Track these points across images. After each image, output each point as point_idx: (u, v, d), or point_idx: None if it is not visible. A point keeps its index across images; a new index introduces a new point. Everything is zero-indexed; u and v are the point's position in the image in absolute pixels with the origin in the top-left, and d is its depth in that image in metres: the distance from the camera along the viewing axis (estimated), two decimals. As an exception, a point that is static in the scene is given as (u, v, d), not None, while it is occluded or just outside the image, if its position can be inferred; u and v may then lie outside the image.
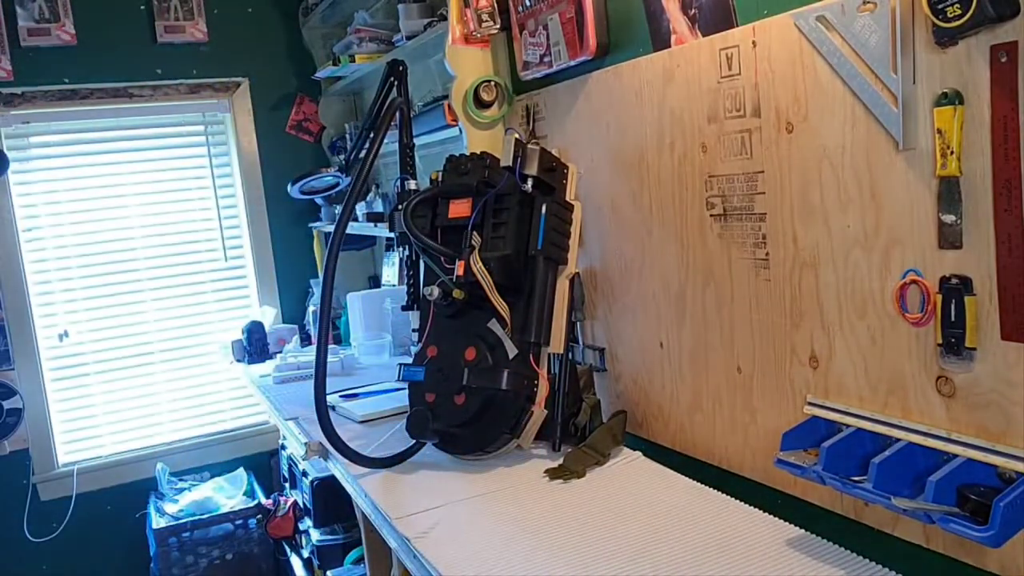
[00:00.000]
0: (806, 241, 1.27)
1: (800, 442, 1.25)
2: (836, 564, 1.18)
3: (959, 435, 1.07)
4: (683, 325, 1.58)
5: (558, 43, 1.78)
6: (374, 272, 3.63)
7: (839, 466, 1.15)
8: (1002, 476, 1.02)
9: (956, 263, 1.05)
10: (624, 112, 1.66)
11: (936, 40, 1.02)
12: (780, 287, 1.33)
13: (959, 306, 1.04)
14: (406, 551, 1.38)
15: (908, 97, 1.07)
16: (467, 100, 2.05)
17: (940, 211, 1.05)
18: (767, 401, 1.40)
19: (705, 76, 1.43)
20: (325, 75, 3.20)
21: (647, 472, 1.58)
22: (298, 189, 2.39)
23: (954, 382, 1.08)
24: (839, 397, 1.25)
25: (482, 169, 1.75)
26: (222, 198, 3.41)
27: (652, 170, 1.60)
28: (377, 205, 3.02)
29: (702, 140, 1.46)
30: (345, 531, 2.61)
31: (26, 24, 2.95)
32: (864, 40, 1.12)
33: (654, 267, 1.64)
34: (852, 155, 1.18)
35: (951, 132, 1.01)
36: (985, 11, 0.93)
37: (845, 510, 1.27)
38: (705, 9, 1.42)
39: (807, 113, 1.23)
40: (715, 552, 1.24)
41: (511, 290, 1.69)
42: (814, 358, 1.29)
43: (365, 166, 1.82)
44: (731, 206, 1.41)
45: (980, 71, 0.98)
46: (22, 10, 2.94)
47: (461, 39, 2.04)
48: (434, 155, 2.54)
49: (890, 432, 1.14)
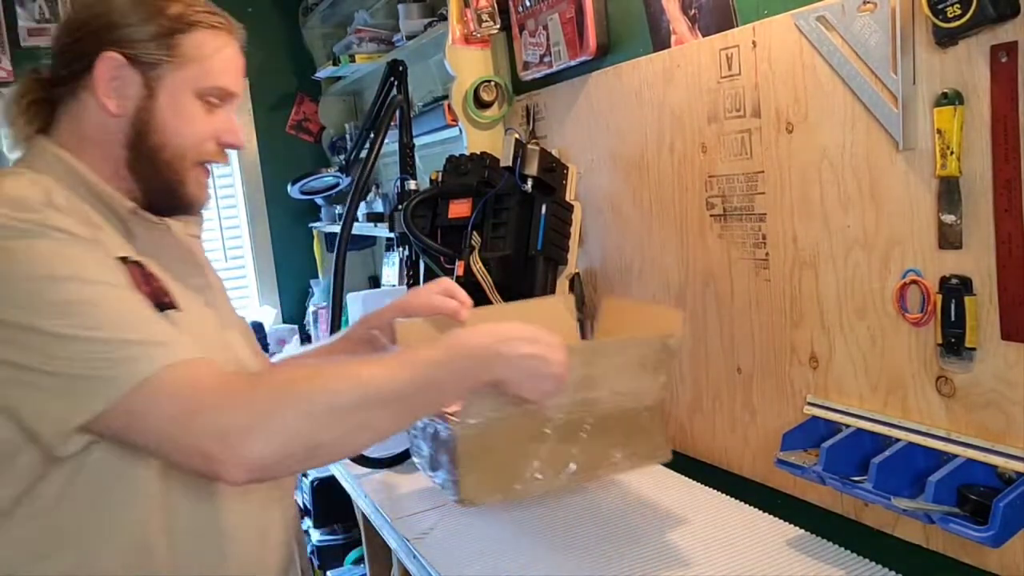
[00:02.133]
0: (806, 241, 1.27)
1: (800, 442, 1.25)
2: (836, 564, 1.18)
3: (959, 435, 1.07)
4: (683, 325, 1.58)
5: (558, 43, 1.78)
6: (374, 272, 3.63)
7: (839, 466, 1.15)
8: (1002, 476, 1.02)
9: (956, 263, 1.05)
10: (624, 112, 1.66)
11: (936, 40, 1.02)
12: (780, 287, 1.33)
13: (959, 306, 1.04)
14: (406, 551, 1.38)
15: (908, 97, 1.07)
16: (467, 100, 2.05)
17: (940, 211, 1.05)
18: (767, 401, 1.40)
19: (705, 76, 1.43)
20: (325, 75, 3.20)
21: (646, 472, 1.58)
22: (298, 189, 2.40)
23: (954, 382, 1.08)
24: (839, 397, 1.25)
25: (482, 169, 1.75)
26: (222, 198, 3.41)
27: (652, 170, 1.60)
28: (377, 205, 3.02)
29: (702, 140, 1.46)
30: (345, 531, 2.60)
31: (26, 24, 2.96)
32: (864, 40, 1.12)
33: (654, 267, 1.64)
34: (852, 155, 1.18)
35: (951, 132, 1.01)
36: (985, 11, 0.93)
37: (845, 510, 1.27)
38: (705, 9, 1.42)
39: (807, 113, 1.23)
40: (715, 552, 1.24)
41: (511, 290, 1.69)
42: (814, 358, 1.29)
43: (365, 166, 1.82)
44: (731, 206, 1.41)
45: (980, 71, 0.98)
46: (22, 10, 2.95)
47: (461, 39, 2.04)
48: (434, 155, 2.54)
49: (890, 432, 1.14)
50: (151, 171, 0.98)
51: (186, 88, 0.97)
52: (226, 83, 1.01)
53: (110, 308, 0.84)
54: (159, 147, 0.97)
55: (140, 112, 0.96)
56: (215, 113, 1.01)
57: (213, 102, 1.00)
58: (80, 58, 0.95)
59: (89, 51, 0.95)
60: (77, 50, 0.96)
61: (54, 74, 0.99)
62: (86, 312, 0.82)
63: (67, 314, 0.81)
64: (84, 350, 0.81)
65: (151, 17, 0.95)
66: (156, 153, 0.97)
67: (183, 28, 0.97)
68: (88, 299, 0.83)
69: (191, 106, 0.98)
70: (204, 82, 0.98)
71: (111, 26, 0.95)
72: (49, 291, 0.82)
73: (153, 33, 0.95)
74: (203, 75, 0.98)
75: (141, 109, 0.96)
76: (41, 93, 1.00)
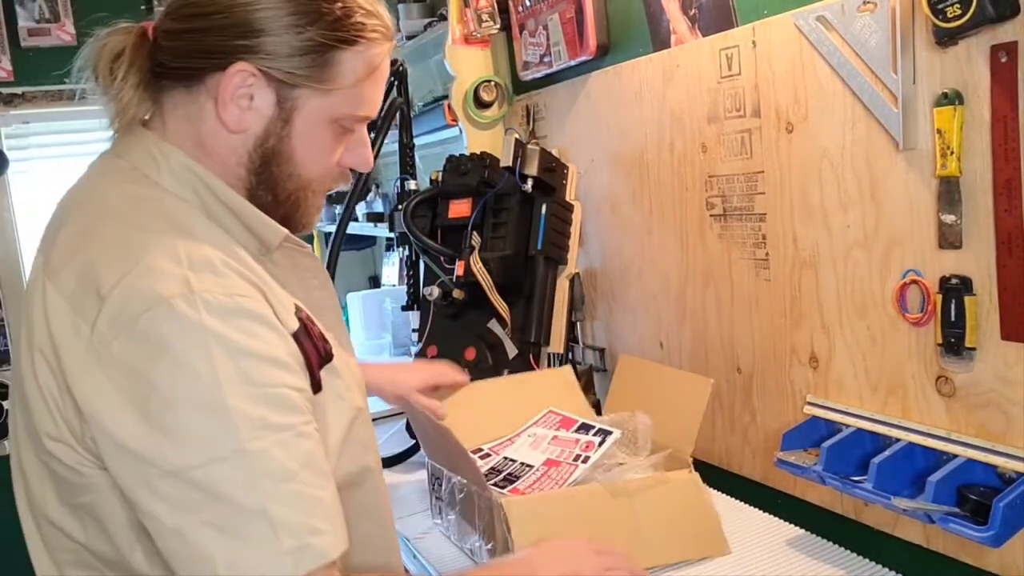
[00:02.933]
0: (806, 241, 1.27)
1: (800, 442, 1.25)
2: (836, 564, 1.18)
3: (959, 435, 1.07)
4: (683, 325, 1.58)
5: (558, 43, 1.78)
6: (374, 272, 3.63)
7: (839, 466, 1.15)
8: (1002, 476, 1.02)
9: (956, 263, 1.05)
10: (624, 112, 1.66)
11: (936, 40, 1.02)
12: (780, 287, 1.33)
13: (959, 306, 1.04)
14: (406, 551, 1.38)
15: (908, 97, 1.07)
16: (467, 100, 2.05)
17: (940, 211, 1.05)
18: (767, 401, 1.40)
19: (705, 76, 1.42)
20: (325, 75, 3.19)
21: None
22: (298, 189, 2.39)
23: (954, 382, 1.08)
24: (839, 397, 1.25)
25: (482, 169, 1.75)
26: (222, 198, 3.41)
27: (652, 170, 1.60)
28: (377, 205, 3.02)
29: (702, 140, 1.46)
30: (345, 531, 2.60)
31: (26, 24, 2.95)
32: (864, 40, 1.12)
33: (654, 267, 1.64)
34: (852, 155, 1.17)
35: (951, 132, 1.01)
36: (985, 11, 0.93)
37: (845, 510, 1.27)
38: (705, 9, 1.42)
39: (807, 113, 1.23)
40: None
41: (511, 290, 1.69)
42: (814, 358, 1.29)
43: (365, 166, 1.81)
44: (731, 206, 1.41)
45: (980, 71, 0.98)
46: (22, 10, 2.94)
47: (461, 39, 2.04)
48: (434, 155, 2.54)
49: (890, 432, 1.14)
50: (271, 198, 0.85)
51: (326, 115, 0.83)
52: (373, 110, 0.87)
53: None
54: (285, 177, 0.84)
55: (268, 136, 0.82)
56: (347, 136, 0.87)
57: (349, 127, 0.87)
58: (206, 55, 0.79)
59: (219, 50, 0.79)
60: (203, 44, 0.79)
61: (164, 54, 0.81)
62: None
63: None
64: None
65: (303, 25, 0.78)
66: (281, 182, 0.84)
67: (338, 45, 0.80)
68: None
69: (326, 134, 0.84)
70: (349, 110, 0.84)
71: (253, 28, 0.78)
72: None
73: (302, 48, 0.79)
74: (350, 103, 0.84)
75: (269, 133, 0.82)
76: (150, 72, 0.82)
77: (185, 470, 0.68)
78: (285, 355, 0.74)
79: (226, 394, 0.68)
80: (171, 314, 0.69)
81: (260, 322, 0.73)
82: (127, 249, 0.74)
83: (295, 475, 0.70)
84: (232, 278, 0.74)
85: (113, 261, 0.73)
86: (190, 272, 0.72)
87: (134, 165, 0.82)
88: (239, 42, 0.78)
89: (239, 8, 0.78)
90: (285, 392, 0.73)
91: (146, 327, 0.69)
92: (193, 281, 0.71)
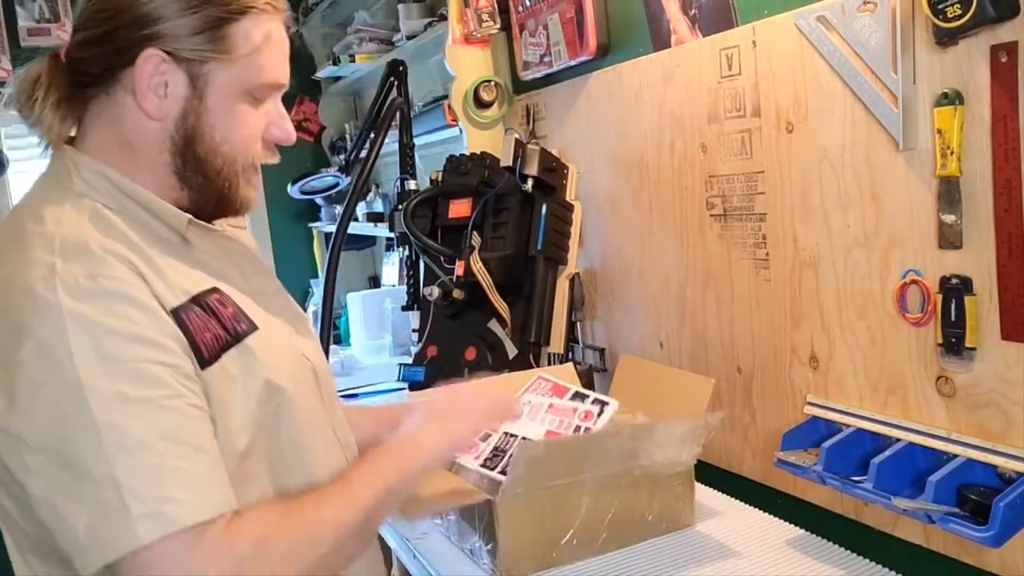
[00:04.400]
0: (806, 241, 1.27)
1: (800, 442, 1.25)
2: (836, 564, 1.18)
3: (959, 435, 1.07)
4: (683, 325, 1.58)
5: (558, 43, 1.78)
6: (374, 272, 3.63)
7: (839, 466, 1.15)
8: (1002, 476, 1.02)
9: (956, 263, 1.05)
10: (624, 112, 1.66)
11: (936, 40, 1.02)
12: (780, 287, 1.33)
13: (959, 306, 1.04)
14: (406, 551, 1.38)
15: (908, 97, 1.07)
16: (467, 100, 2.05)
17: (940, 211, 1.05)
18: (767, 401, 1.40)
19: (705, 76, 1.43)
20: (325, 75, 3.20)
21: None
22: (298, 189, 2.40)
23: (954, 382, 1.08)
24: (839, 397, 1.25)
25: (482, 169, 1.75)
26: (222, 198, 3.41)
27: (652, 170, 1.60)
28: (377, 205, 3.03)
29: (702, 140, 1.46)
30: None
31: (26, 24, 2.96)
32: (864, 40, 1.12)
33: (654, 267, 1.64)
34: (852, 155, 1.18)
35: (951, 132, 1.01)
36: (985, 11, 0.93)
37: (845, 510, 1.27)
38: (705, 9, 1.42)
39: (807, 113, 1.23)
40: (714, 552, 1.24)
41: (511, 290, 1.69)
42: (814, 358, 1.29)
43: (365, 166, 1.82)
44: (731, 206, 1.41)
45: (980, 71, 0.98)
46: (22, 10, 2.95)
47: (461, 39, 2.04)
48: (434, 155, 2.54)
49: (890, 432, 1.14)
50: (201, 178, 0.89)
51: (235, 86, 0.88)
52: (277, 76, 0.92)
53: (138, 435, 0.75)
54: (210, 153, 0.88)
55: (186, 116, 0.87)
56: (262, 107, 0.92)
57: (261, 97, 0.92)
58: (115, 54, 0.85)
59: (126, 46, 0.84)
60: (111, 44, 0.85)
61: (80, 66, 0.87)
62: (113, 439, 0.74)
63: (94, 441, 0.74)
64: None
65: (196, 5, 0.85)
66: (207, 160, 0.89)
67: (232, 16, 0.86)
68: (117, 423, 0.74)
69: (240, 105, 0.89)
70: (255, 79, 0.89)
71: (151, 17, 0.84)
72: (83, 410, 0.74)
73: (199, 25, 0.85)
74: (254, 71, 0.89)
75: (187, 112, 0.87)
76: (69, 89, 0.88)
77: (46, 444, 0.74)
78: (153, 333, 0.78)
79: (79, 370, 0.74)
80: (31, 298, 0.75)
81: (124, 301, 0.78)
82: (12, 246, 0.81)
83: (150, 446, 0.74)
84: (106, 261, 0.79)
85: (1, 261, 0.81)
86: (58, 259, 0.78)
87: (56, 179, 0.89)
88: (142, 32, 0.84)
89: (137, 4, 0.85)
90: (147, 367, 0.77)
91: (13, 315, 0.76)
92: (58, 266, 0.77)
